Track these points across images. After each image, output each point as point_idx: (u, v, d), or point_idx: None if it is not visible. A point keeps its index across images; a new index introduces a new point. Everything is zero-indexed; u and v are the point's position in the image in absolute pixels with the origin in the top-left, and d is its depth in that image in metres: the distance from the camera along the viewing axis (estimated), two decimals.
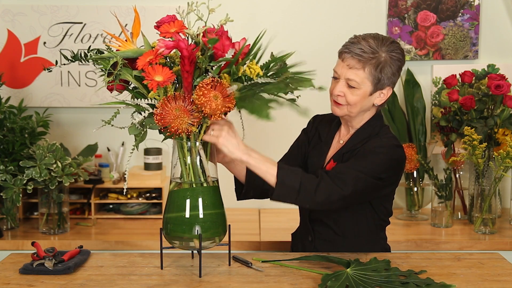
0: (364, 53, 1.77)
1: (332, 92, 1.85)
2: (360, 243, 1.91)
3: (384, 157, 1.79)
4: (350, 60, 1.79)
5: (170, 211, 1.68)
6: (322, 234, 1.94)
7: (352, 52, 1.78)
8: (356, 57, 1.78)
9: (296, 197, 1.70)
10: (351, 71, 1.79)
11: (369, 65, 1.78)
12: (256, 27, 2.82)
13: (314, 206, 1.74)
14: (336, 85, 1.84)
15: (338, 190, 1.71)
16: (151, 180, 2.72)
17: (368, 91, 1.81)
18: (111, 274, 1.71)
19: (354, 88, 1.80)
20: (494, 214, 2.53)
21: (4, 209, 2.53)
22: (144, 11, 2.75)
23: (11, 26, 2.84)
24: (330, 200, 1.71)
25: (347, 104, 1.83)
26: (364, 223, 1.90)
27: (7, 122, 2.52)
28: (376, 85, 1.81)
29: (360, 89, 1.80)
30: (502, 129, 2.62)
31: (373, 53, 1.78)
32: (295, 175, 1.70)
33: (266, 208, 2.93)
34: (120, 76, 1.60)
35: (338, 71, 1.83)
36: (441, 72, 2.87)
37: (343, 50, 1.82)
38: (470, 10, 2.87)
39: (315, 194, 1.69)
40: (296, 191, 1.69)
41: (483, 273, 1.71)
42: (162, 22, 1.60)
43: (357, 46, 1.78)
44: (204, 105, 1.53)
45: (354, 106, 1.83)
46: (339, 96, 1.83)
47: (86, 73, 2.86)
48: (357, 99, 1.81)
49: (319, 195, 1.70)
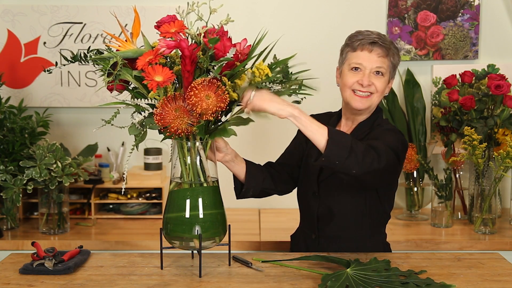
0: (386, 43, 1.87)
1: (356, 82, 1.87)
2: (363, 238, 1.93)
3: (396, 136, 1.84)
4: (379, 50, 1.86)
5: (170, 211, 1.68)
6: (326, 230, 1.94)
7: (379, 42, 1.86)
8: (383, 44, 1.86)
9: (347, 156, 1.62)
10: (380, 59, 1.86)
11: (391, 53, 1.88)
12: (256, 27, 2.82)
13: (360, 170, 1.65)
14: (362, 76, 1.86)
15: (376, 160, 1.68)
16: (151, 180, 2.72)
17: (387, 79, 1.90)
18: (111, 274, 1.71)
19: (380, 76, 1.87)
20: (494, 214, 2.53)
21: (4, 209, 2.53)
22: (144, 11, 2.75)
23: (11, 26, 2.84)
24: (372, 168, 1.67)
25: (376, 92, 1.87)
26: (369, 215, 1.92)
27: (7, 122, 2.52)
28: (391, 73, 1.91)
29: (384, 76, 1.88)
30: (502, 129, 2.62)
31: (390, 43, 1.89)
32: (346, 135, 1.67)
33: (266, 208, 2.93)
34: (120, 76, 1.60)
35: (365, 62, 1.86)
36: (441, 72, 2.87)
37: (368, 41, 1.86)
38: (470, 10, 2.87)
39: (362, 157, 1.65)
40: (347, 150, 1.63)
41: (483, 273, 1.71)
42: (162, 22, 1.60)
43: (377, 36, 1.87)
44: (195, 105, 1.53)
45: (381, 94, 1.89)
46: (369, 85, 1.86)
47: (86, 73, 2.86)
48: (384, 85, 1.89)
49: (365, 161, 1.65)
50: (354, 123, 1.95)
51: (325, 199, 1.93)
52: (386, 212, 1.97)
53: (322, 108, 2.08)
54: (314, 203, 1.95)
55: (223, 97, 1.56)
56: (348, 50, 1.90)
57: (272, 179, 1.99)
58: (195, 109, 1.54)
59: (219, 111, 1.57)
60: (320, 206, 1.94)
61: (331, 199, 1.92)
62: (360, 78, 1.86)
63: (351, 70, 1.88)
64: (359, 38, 1.87)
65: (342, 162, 1.63)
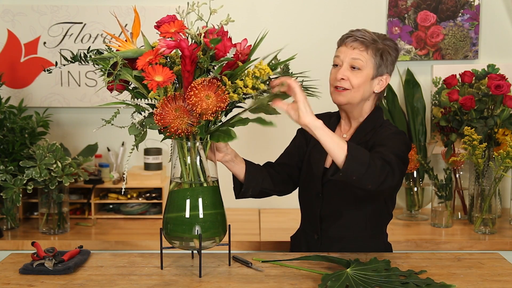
0: (366, 38, 1.86)
1: (335, 78, 1.88)
2: (366, 238, 1.93)
3: (401, 140, 1.83)
4: (353, 43, 1.86)
5: (170, 211, 1.68)
6: (329, 231, 1.94)
7: (355, 36, 1.86)
8: (360, 39, 1.85)
9: (364, 172, 1.63)
10: (355, 51, 1.85)
11: (371, 48, 1.86)
12: (256, 27, 2.82)
13: (375, 185, 1.66)
14: (338, 70, 1.87)
15: (391, 175, 1.68)
16: (151, 180, 2.72)
17: (370, 75, 1.87)
18: (111, 274, 1.71)
19: (357, 70, 1.85)
20: (494, 214, 2.53)
21: (4, 209, 2.53)
22: (144, 11, 2.75)
23: (11, 26, 2.84)
24: (387, 185, 1.67)
25: (351, 87, 1.86)
26: (373, 216, 1.92)
27: (7, 122, 2.52)
28: (377, 70, 1.87)
29: (363, 71, 1.85)
30: (502, 129, 2.62)
31: (373, 40, 1.86)
32: (364, 151, 1.67)
33: (266, 208, 2.93)
34: (120, 76, 1.60)
35: (341, 55, 1.87)
36: (441, 72, 2.87)
37: (345, 37, 1.88)
38: (470, 10, 2.87)
39: (379, 174, 1.65)
40: (365, 167, 1.63)
41: (483, 273, 1.71)
42: (162, 22, 1.60)
43: (359, 32, 1.87)
44: (195, 105, 1.53)
45: (357, 89, 1.86)
46: (342, 79, 1.86)
47: (86, 73, 2.86)
48: (361, 81, 1.86)
49: (382, 176, 1.66)
50: (354, 124, 1.94)
51: (329, 200, 1.93)
52: (389, 212, 1.97)
53: (322, 108, 2.07)
54: (318, 204, 1.95)
55: (223, 97, 1.56)
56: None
57: (272, 179, 1.98)
58: (195, 109, 1.54)
59: (219, 111, 1.57)
60: (324, 207, 1.94)
61: (335, 200, 1.92)
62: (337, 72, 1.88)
63: (333, 66, 1.91)
64: (343, 36, 1.90)
65: (359, 178, 1.64)
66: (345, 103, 1.88)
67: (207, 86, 1.54)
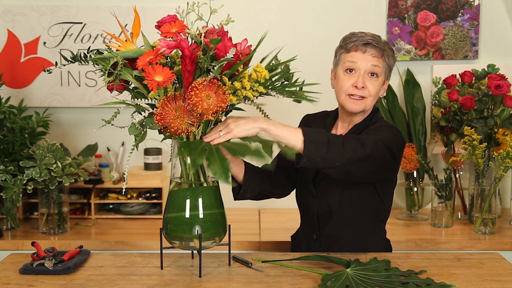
0: (380, 44, 1.85)
1: (350, 85, 1.85)
2: (364, 235, 1.93)
3: (391, 132, 1.82)
4: (372, 50, 1.84)
5: (170, 211, 1.68)
6: (326, 230, 1.95)
7: (373, 43, 1.84)
8: (377, 45, 1.84)
9: (326, 152, 1.62)
10: (375, 59, 1.84)
11: (385, 54, 1.86)
12: (256, 27, 2.83)
13: (342, 159, 1.64)
14: (356, 79, 1.84)
15: (360, 147, 1.67)
16: (151, 180, 2.72)
17: (382, 81, 1.88)
18: (111, 274, 1.71)
19: (375, 78, 1.85)
20: (494, 214, 2.53)
21: (4, 209, 2.53)
22: (144, 11, 2.75)
23: (11, 26, 2.84)
24: (356, 157, 1.65)
25: (369, 96, 1.85)
26: (368, 212, 1.92)
27: (7, 122, 2.52)
28: (387, 75, 1.89)
29: (379, 77, 1.86)
30: (502, 129, 2.62)
31: (384, 45, 1.87)
32: (321, 132, 1.66)
33: (266, 208, 2.93)
34: (120, 76, 1.60)
35: (358, 62, 1.84)
36: (441, 72, 2.87)
37: (361, 43, 1.84)
38: (470, 10, 2.87)
39: (343, 148, 1.64)
40: (325, 145, 1.62)
41: (483, 273, 1.71)
42: (163, 22, 1.60)
43: (371, 37, 1.85)
44: (196, 105, 1.53)
45: (374, 97, 1.87)
46: (363, 88, 1.84)
47: (86, 73, 2.86)
48: (378, 89, 1.87)
49: (346, 150, 1.64)
50: (350, 125, 1.94)
51: (323, 199, 1.93)
52: (385, 209, 1.97)
53: (322, 108, 2.08)
54: (313, 204, 1.95)
55: (224, 97, 1.56)
56: (342, 52, 1.89)
57: (270, 181, 1.99)
58: (195, 109, 1.54)
59: (219, 111, 1.57)
60: (319, 206, 1.94)
61: (329, 199, 1.92)
62: (354, 80, 1.84)
63: (345, 72, 1.87)
64: (352, 39, 1.86)
65: (323, 157, 1.62)
66: (360, 111, 1.88)
67: (208, 86, 1.54)
